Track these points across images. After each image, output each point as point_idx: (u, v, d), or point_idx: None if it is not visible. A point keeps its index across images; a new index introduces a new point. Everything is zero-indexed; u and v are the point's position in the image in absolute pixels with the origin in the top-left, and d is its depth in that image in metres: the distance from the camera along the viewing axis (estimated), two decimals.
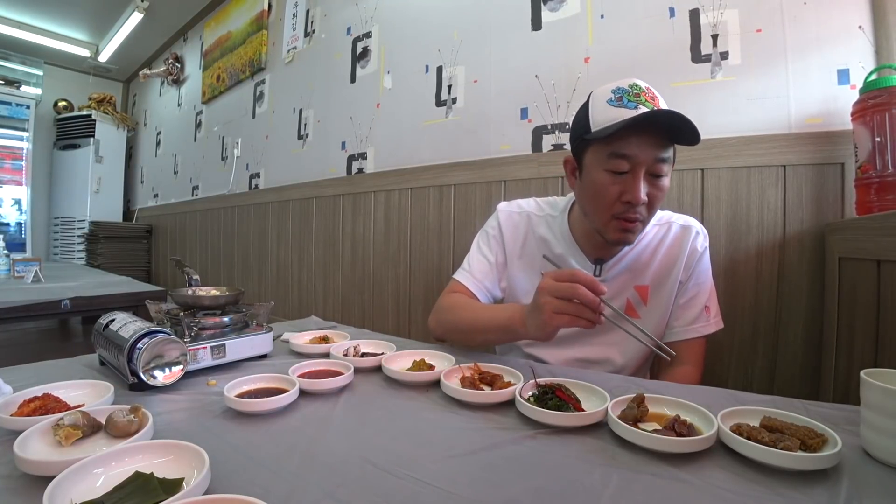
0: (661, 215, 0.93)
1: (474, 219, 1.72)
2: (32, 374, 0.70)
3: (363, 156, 2.20)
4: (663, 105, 0.77)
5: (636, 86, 0.77)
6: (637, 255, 0.90)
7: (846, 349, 0.97)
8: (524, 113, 1.63)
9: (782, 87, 1.17)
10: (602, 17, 1.46)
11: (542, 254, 0.87)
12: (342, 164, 2.30)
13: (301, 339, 0.91)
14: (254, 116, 2.99)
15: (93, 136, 4.40)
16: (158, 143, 4.31)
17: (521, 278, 0.98)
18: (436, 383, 0.67)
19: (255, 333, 0.81)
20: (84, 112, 4.49)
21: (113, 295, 1.99)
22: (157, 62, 4.37)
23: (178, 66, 3.96)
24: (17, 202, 4.39)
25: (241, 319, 0.84)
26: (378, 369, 0.75)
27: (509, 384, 0.65)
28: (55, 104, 4.64)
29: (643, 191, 0.75)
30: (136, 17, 3.65)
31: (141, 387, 0.64)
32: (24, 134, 4.35)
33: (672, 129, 0.75)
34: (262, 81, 2.92)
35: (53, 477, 0.36)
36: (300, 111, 2.59)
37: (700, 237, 0.90)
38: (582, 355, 0.92)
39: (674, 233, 0.90)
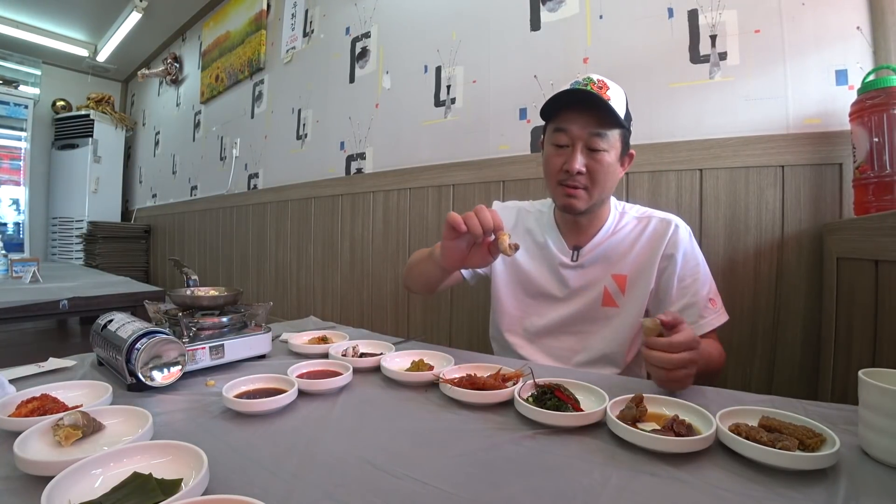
0: (642, 210, 0.98)
1: None
2: (31, 374, 0.70)
3: (362, 156, 2.20)
4: (611, 94, 0.86)
5: (588, 78, 0.88)
6: (614, 245, 0.94)
7: (844, 349, 0.97)
8: (523, 113, 1.63)
9: (780, 87, 1.18)
10: (601, 17, 1.46)
11: (526, 244, 1.03)
12: (341, 165, 2.30)
13: (300, 339, 0.91)
14: (252, 116, 2.98)
15: (91, 135, 4.39)
16: (157, 143, 4.31)
17: (498, 268, 1.05)
18: (434, 383, 0.67)
19: (253, 334, 0.81)
20: (82, 112, 4.48)
21: (111, 295, 1.99)
22: (155, 62, 4.36)
23: (177, 65, 3.96)
24: (16, 202, 4.38)
25: (239, 320, 0.83)
26: (377, 369, 0.75)
27: (505, 376, 0.65)
28: (53, 104, 4.63)
29: (579, 161, 0.85)
30: (134, 17, 3.64)
31: (139, 387, 0.64)
32: (22, 134, 4.34)
33: (607, 112, 0.84)
34: (261, 81, 2.91)
35: (52, 477, 0.36)
36: (299, 111, 2.59)
37: (680, 230, 0.91)
38: (561, 344, 0.97)
39: (653, 226, 0.93)
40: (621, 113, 0.85)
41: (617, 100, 0.86)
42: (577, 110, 0.85)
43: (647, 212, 0.97)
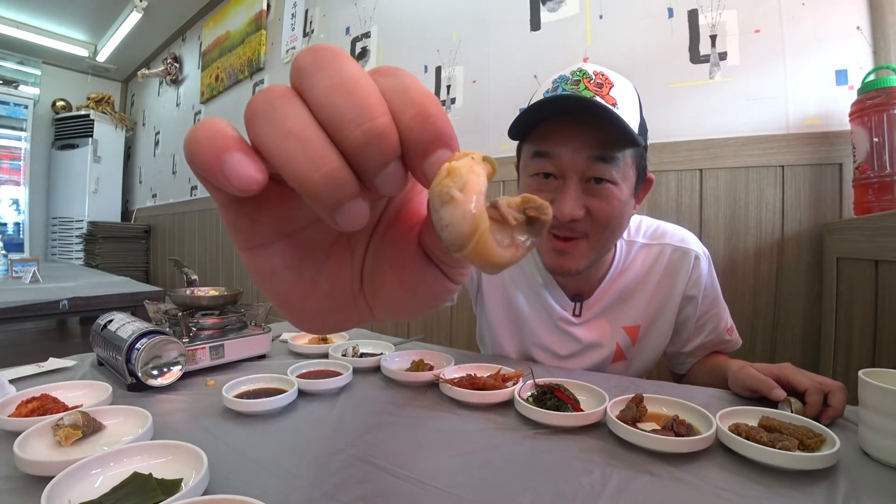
0: (651, 229, 0.79)
1: None
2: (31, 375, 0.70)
3: None
4: (617, 95, 0.61)
5: (579, 71, 0.63)
6: (624, 288, 0.76)
7: (844, 349, 0.97)
8: None
9: (780, 87, 1.17)
10: (601, 17, 1.46)
11: (520, 281, 0.79)
12: None
13: (300, 339, 0.91)
14: None
15: (91, 135, 4.39)
16: (157, 143, 4.31)
17: (489, 291, 0.85)
18: (434, 383, 0.67)
19: (253, 334, 0.81)
20: (82, 112, 4.49)
21: (111, 295, 1.98)
22: (155, 62, 4.36)
23: (177, 65, 3.96)
24: (15, 202, 4.38)
25: (239, 320, 0.83)
26: (377, 369, 0.75)
27: (505, 377, 0.65)
28: (53, 104, 4.63)
29: (573, 204, 0.59)
30: (134, 17, 3.64)
31: (139, 387, 0.64)
32: (22, 134, 4.34)
33: (613, 124, 0.58)
34: (261, 81, 2.91)
35: (52, 477, 0.36)
36: None
37: (701, 262, 0.76)
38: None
39: (667, 258, 0.76)
40: (634, 122, 0.60)
41: (626, 103, 0.61)
42: (569, 123, 0.60)
43: (656, 231, 0.79)
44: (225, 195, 0.17)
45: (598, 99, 0.58)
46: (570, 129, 0.60)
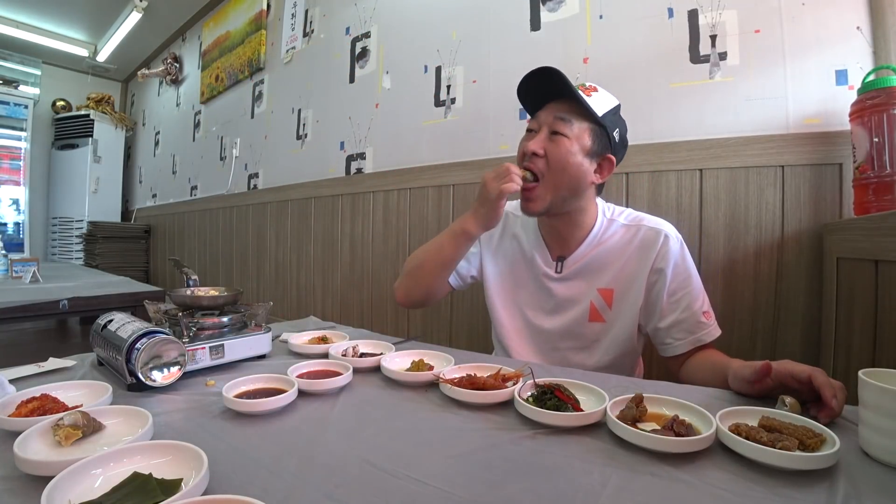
0: (633, 216, 0.92)
1: None
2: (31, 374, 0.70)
3: (362, 156, 2.20)
4: (596, 95, 0.86)
5: (581, 83, 0.88)
6: (599, 255, 0.90)
7: (844, 349, 0.97)
8: (523, 113, 1.63)
9: (780, 87, 1.17)
10: (601, 17, 1.46)
11: (513, 250, 1.01)
12: (341, 165, 2.29)
13: (300, 339, 0.91)
14: (252, 116, 2.98)
15: (91, 135, 4.39)
16: (157, 143, 4.31)
17: (489, 265, 1.04)
18: (434, 383, 0.67)
19: (253, 334, 0.81)
20: (82, 112, 4.48)
21: (111, 295, 1.98)
22: (155, 62, 4.36)
23: (177, 65, 3.96)
24: (15, 202, 4.39)
25: (239, 320, 0.83)
26: (377, 370, 0.75)
27: (505, 376, 0.65)
28: (53, 104, 4.63)
29: (537, 143, 0.85)
30: (134, 17, 3.64)
31: (139, 387, 0.64)
32: (22, 134, 4.34)
33: (573, 99, 0.85)
34: (261, 81, 2.91)
35: (52, 477, 0.36)
36: (299, 111, 2.59)
37: (670, 241, 0.86)
38: (552, 361, 0.92)
39: (641, 236, 0.88)
40: (599, 111, 0.84)
41: (600, 101, 0.85)
42: (551, 99, 0.88)
43: (636, 218, 0.91)
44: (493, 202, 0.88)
45: (572, 84, 0.84)
46: (552, 102, 0.87)
